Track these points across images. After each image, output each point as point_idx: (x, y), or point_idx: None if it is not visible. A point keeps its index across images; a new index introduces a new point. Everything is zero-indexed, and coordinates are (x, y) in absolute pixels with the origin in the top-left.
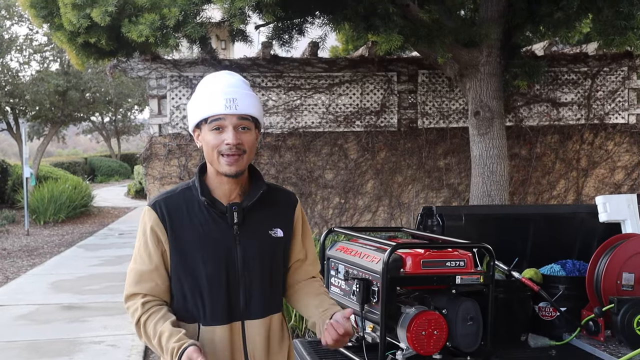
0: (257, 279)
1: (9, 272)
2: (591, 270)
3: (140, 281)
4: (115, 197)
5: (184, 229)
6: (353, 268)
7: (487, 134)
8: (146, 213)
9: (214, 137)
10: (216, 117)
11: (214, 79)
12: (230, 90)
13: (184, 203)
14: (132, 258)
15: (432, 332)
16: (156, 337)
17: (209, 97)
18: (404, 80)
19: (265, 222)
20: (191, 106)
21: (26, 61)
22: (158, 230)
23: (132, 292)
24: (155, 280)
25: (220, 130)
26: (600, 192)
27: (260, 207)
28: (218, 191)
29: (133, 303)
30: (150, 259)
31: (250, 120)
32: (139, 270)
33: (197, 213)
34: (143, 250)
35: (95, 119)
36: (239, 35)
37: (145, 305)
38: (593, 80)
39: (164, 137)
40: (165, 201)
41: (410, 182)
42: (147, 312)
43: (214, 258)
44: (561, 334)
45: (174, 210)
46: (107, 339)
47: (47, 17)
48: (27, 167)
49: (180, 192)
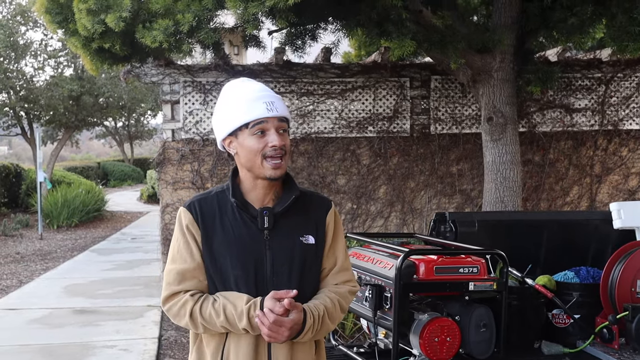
0: (285, 285)
1: (23, 276)
2: (605, 278)
3: (183, 280)
4: (128, 201)
5: (215, 230)
6: (366, 274)
7: (500, 139)
8: (182, 213)
9: (257, 141)
10: (259, 120)
11: (242, 85)
12: (266, 94)
13: (217, 205)
14: (170, 259)
15: (445, 338)
16: (221, 313)
17: (246, 103)
18: (417, 86)
19: (297, 228)
20: (222, 116)
21: (41, 66)
22: (194, 230)
23: (174, 291)
24: (197, 277)
25: (263, 134)
26: (614, 199)
27: (293, 213)
28: (251, 195)
29: (177, 300)
30: (193, 257)
31: (286, 123)
32: (180, 269)
33: (230, 216)
34: (184, 249)
35: (109, 124)
36: (252, 40)
37: (194, 295)
38: (607, 86)
39: (177, 142)
40: (200, 202)
41: (423, 188)
42: (199, 300)
43: (242, 261)
44: (575, 342)
45: (207, 212)
46: (119, 343)
47: (61, 22)
48: (41, 171)
49: (214, 195)
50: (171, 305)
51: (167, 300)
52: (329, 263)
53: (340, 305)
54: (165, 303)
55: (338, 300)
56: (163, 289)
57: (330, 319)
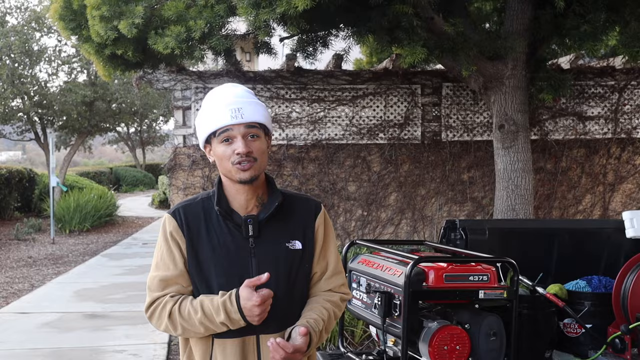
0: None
1: (35, 280)
2: (617, 287)
3: (165, 287)
4: (140, 206)
5: (200, 238)
6: (375, 281)
7: (512, 147)
8: (166, 220)
9: (224, 148)
10: (223, 128)
11: (217, 92)
12: (234, 100)
13: (202, 212)
14: (153, 266)
15: (455, 347)
16: (198, 309)
17: (214, 111)
18: (428, 93)
19: (282, 234)
20: (199, 123)
21: (54, 72)
22: (178, 237)
23: (156, 297)
24: (180, 283)
25: (230, 142)
26: (628, 208)
27: (278, 219)
28: (235, 202)
29: (159, 303)
30: (175, 264)
31: (258, 128)
32: (162, 276)
33: (214, 223)
34: (167, 256)
35: (121, 130)
36: (263, 47)
37: (174, 296)
38: (620, 94)
39: (188, 148)
40: (184, 209)
41: (434, 195)
42: (178, 300)
43: (227, 270)
44: (586, 352)
45: (192, 219)
46: (129, 348)
47: (75, 29)
48: (54, 176)
49: (200, 201)
50: (153, 309)
51: (149, 307)
52: (321, 267)
53: (335, 315)
54: (147, 310)
55: (333, 311)
56: (146, 297)
57: (326, 331)
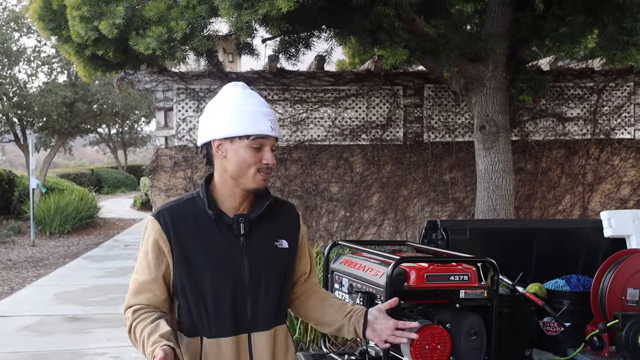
0: (263, 290)
1: (14, 283)
2: (596, 286)
3: (139, 292)
4: (121, 208)
5: (191, 239)
6: (357, 281)
7: (493, 148)
8: (149, 223)
9: (253, 154)
10: (262, 135)
11: (246, 95)
12: (270, 111)
13: (190, 214)
14: (135, 267)
15: (436, 346)
16: (141, 339)
17: (251, 115)
18: (410, 94)
19: (271, 233)
20: (220, 117)
21: (34, 73)
22: (161, 241)
23: (130, 303)
24: (153, 291)
25: (259, 150)
26: (606, 207)
27: (266, 219)
28: (226, 204)
29: (126, 314)
30: (150, 270)
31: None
32: (139, 280)
33: (205, 224)
34: (144, 261)
35: (102, 131)
36: (245, 48)
37: (136, 312)
38: (599, 95)
39: (170, 149)
40: (170, 211)
41: (416, 196)
42: (137, 318)
43: (220, 270)
44: (565, 350)
45: (178, 221)
46: (110, 350)
47: (55, 29)
48: (34, 178)
49: (185, 202)
50: (126, 316)
51: (125, 310)
52: (307, 267)
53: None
54: (124, 312)
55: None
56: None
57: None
